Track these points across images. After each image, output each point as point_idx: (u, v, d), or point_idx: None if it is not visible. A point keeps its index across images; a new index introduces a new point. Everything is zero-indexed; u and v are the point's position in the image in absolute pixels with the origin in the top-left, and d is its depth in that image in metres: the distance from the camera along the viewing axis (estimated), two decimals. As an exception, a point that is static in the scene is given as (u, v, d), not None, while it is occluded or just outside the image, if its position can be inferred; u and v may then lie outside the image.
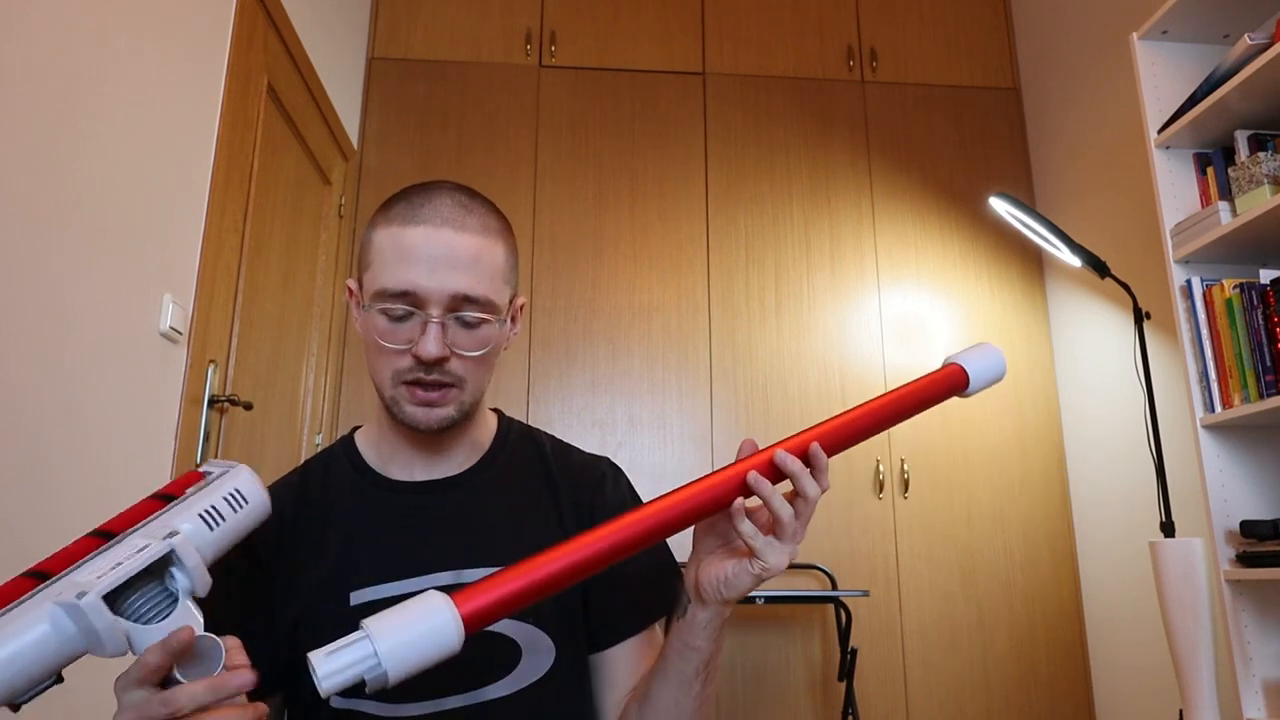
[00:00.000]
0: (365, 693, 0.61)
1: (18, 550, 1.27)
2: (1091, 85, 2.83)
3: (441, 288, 0.80)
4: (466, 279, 0.81)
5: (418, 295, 0.80)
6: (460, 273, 0.81)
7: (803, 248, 3.00)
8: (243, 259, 2.03)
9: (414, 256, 0.80)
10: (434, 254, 0.81)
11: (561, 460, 0.96)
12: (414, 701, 0.81)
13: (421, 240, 0.81)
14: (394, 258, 0.81)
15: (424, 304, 0.80)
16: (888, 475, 2.82)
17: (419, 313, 0.80)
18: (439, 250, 0.81)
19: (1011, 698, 2.71)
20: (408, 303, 0.80)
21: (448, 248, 0.81)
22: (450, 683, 0.81)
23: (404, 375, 0.82)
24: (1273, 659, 1.82)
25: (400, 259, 0.81)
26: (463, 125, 2.98)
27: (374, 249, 0.84)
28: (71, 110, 1.38)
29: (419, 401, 0.83)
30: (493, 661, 0.83)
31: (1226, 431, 1.94)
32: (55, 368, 1.35)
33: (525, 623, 0.84)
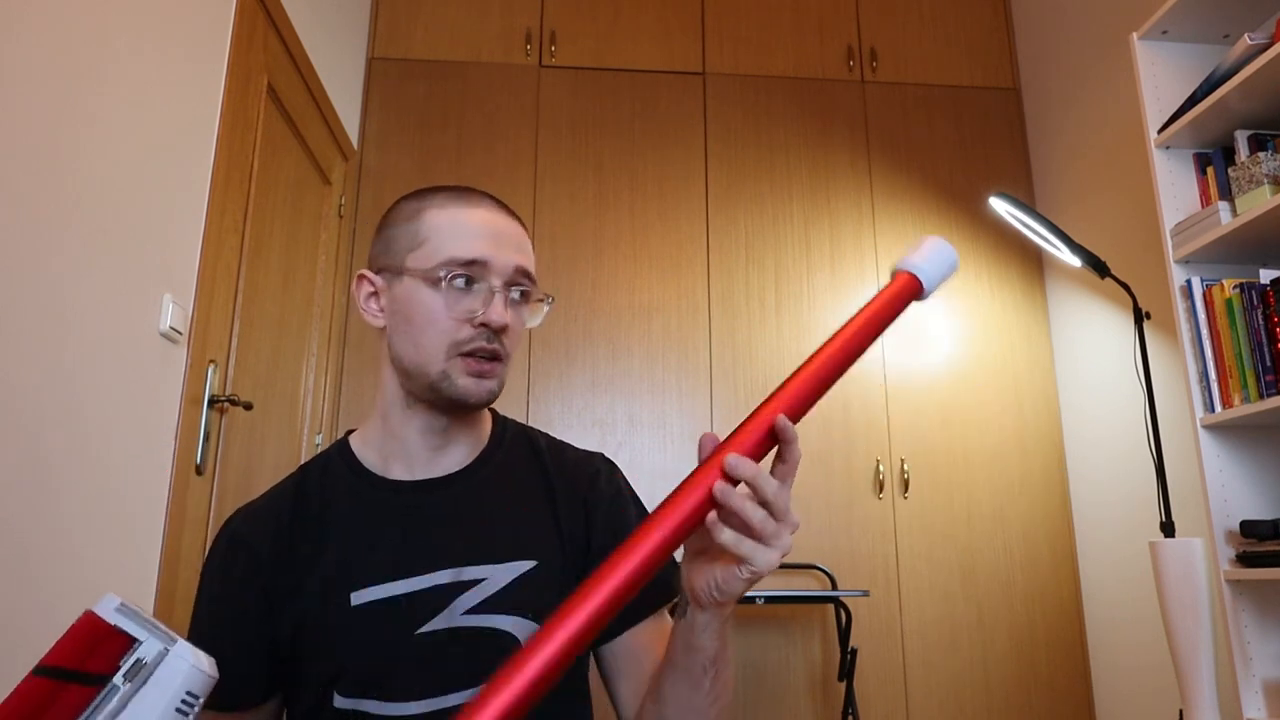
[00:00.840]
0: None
1: (18, 551, 1.27)
2: (1091, 85, 2.83)
3: (507, 261, 0.86)
4: (525, 257, 0.88)
5: (487, 265, 0.84)
6: (518, 250, 0.88)
7: (803, 248, 3.00)
8: (243, 259, 2.03)
9: (481, 232, 0.86)
10: (497, 231, 0.87)
11: (556, 457, 0.97)
12: (418, 700, 0.81)
13: (486, 218, 0.87)
14: (457, 232, 0.86)
15: (489, 274, 0.85)
16: (888, 475, 2.82)
17: (483, 282, 0.85)
18: (502, 228, 0.88)
19: (1011, 698, 2.71)
20: (475, 271, 0.84)
21: (508, 228, 0.88)
22: (454, 680, 0.82)
23: (463, 345, 0.84)
24: (1273, 659, 1.82)
25: (467, 233, 0.86)
26: (463, 125, 2.98)
27: (427, 228, 0.87)
28: (71, 110, 1.38)
29: (473, 373, 0.84)
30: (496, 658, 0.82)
31: (1226, 431, 1.94)
32: (55, 368, 1.35)
33: (525, 618, 0.85)
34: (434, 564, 0.85)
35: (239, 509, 0.93)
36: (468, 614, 0.84)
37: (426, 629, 0.83)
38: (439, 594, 0.84)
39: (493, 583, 0.85)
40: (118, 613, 0.56)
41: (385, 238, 0.90)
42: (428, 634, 0.82)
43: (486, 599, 0.84)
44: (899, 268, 0.71)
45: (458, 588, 0.84)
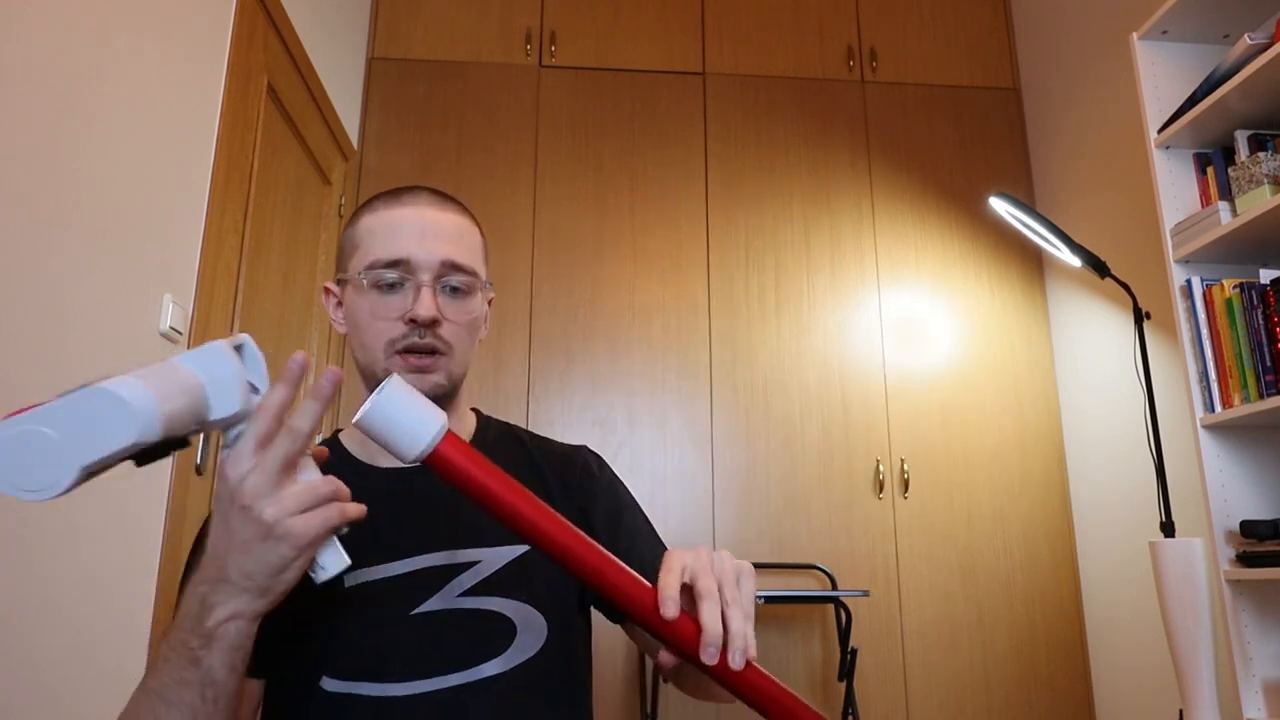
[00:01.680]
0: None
1: (17, 551, 1.27)
2: (1091, 85, 2.83)
3: (431, 255, 0.87)
4: (454, 248, 0.88)
5: (410, 262, 0.86)
6: (447, 243, 0.88)
7: (803, 248, 3.00)
8: (243, 259, 2.03)
9: (404, 229, 0.87)
10: (423, 226, 0.88)
11: (542, 448, 0.99)
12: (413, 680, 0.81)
13: (411, 215, 0.89)
14: (384, 234, 0.88)
15: (415, 270, 0.86)
16: (888, 475, 2.82)
17: (410, 280, 0.86)
18: (427, 223, 0.88)
19: (1011, 698, 2.71)
20: (400, 270, 0.86)
21: (434, 222, 0.89)
22: (449, 661, 0.82)
23: (397, 343, 0.86)
24: (1273, 659, 1.82)
25: (390, 233, 0.87)
26: (463, 125, 2.98)
27: (360, 233, 0.90)
28: (71, 110, 1.38)
29: (412, 368, 0.86)
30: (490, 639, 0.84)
31: (1226, 431, 1.94)
32: (55, 368, 1.35)
33: (520, 601, 0.85)
34: (427, 546, 0.85)
35: None
36: (464, 595, 0.84)
37: (422, 609, 0.83)
38: (434, 575, 0.84)
39: (487, 565, 0.86)
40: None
41: (339, 248, 0.94)
42: (423, 614, 0.83)
43: (482, 580, 0.85)
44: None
45: (453, 569, 0.85)
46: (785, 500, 2.76)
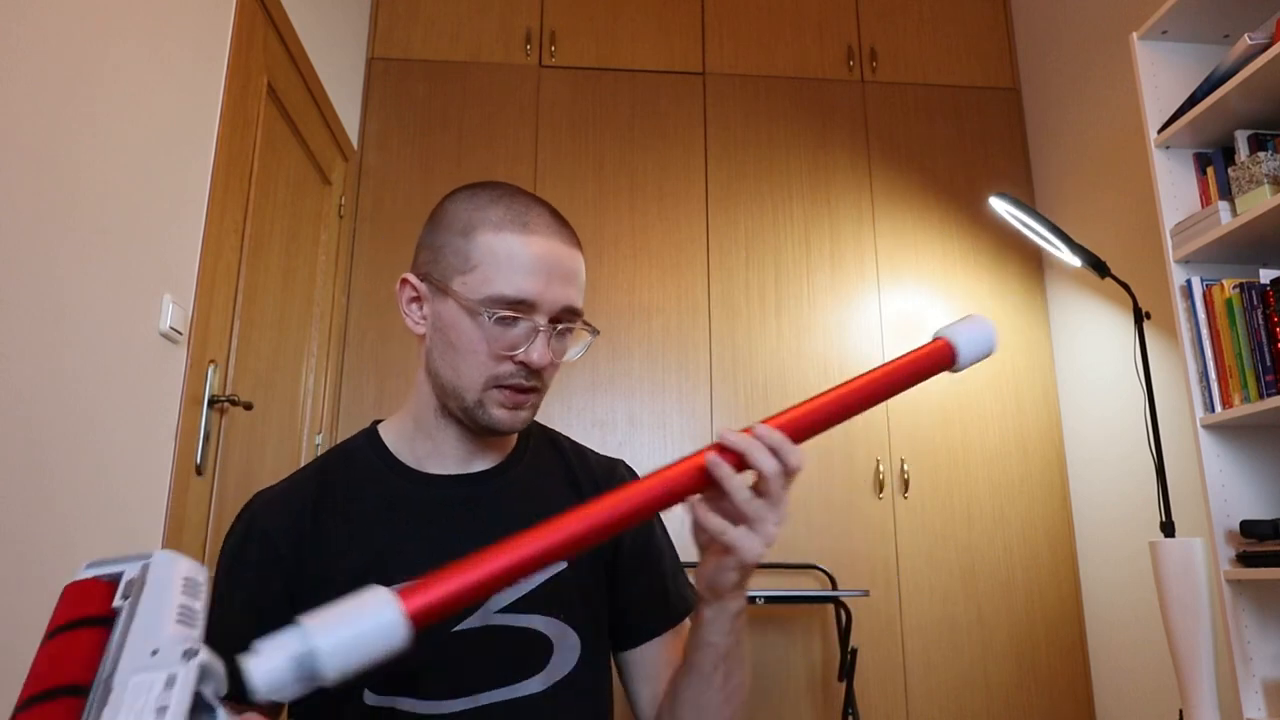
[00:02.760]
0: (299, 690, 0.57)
1: (17, 551, 1.27)
2: (1091, 85, 2.83)
3: (555, 300, 0.83)
4: (573, 291, 0.85)
5: (533, 305, 0.82)
6: (569, 286, 0.85)
7: (803, 248, 3.00)
8: (243, 259, 2.03)
9: (533, 267, 0.82)
10: (550, 266, 0.83)
11: (580, 459, 0.99)
12: (451, 698, 0.81)
13: (540, 251, 0.83)
14: (511, 266, 0.82)
15: (534, 312, 0.83)
16: (888, 475, 2.82)
17: (527, 320, 0.83)
18: (555, 262, 0.84)
19: (1011, 698, 2.71)
20: (522, 311, 0.82)
21: (561, 263, 0.84)
22: (488, 678, 0.82)
23: (502, 379, 0.84)
24: (1273, 659, 1.82)
25: (519, 268, 0.82)
26: (463, 125, 2.98)
27: (479, 251, 0.83)
28: (71, 110, 1.38)
29: (510, 405, 0.85)
30: (529, 657, 0.84)
31: (1226, 431, 1.94)
32: (55, 368, 1.35)
33: (556, 619, 0.86)
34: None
35: (258, 494, 0.91)
36: (501, 613, 0.84)
37: (461, 626, 0.82)
38: None
39: (526, 582, 0.85)
40: (90, 568, 0.59)
41: (434, 245, 0.87)
42: (462, 632, 0.82)
43: (521, 598, 0.85)
44: (940, 333, 0.72)
45: None
46: (785, 500, 2.76)
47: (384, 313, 2.77)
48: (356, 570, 0.83)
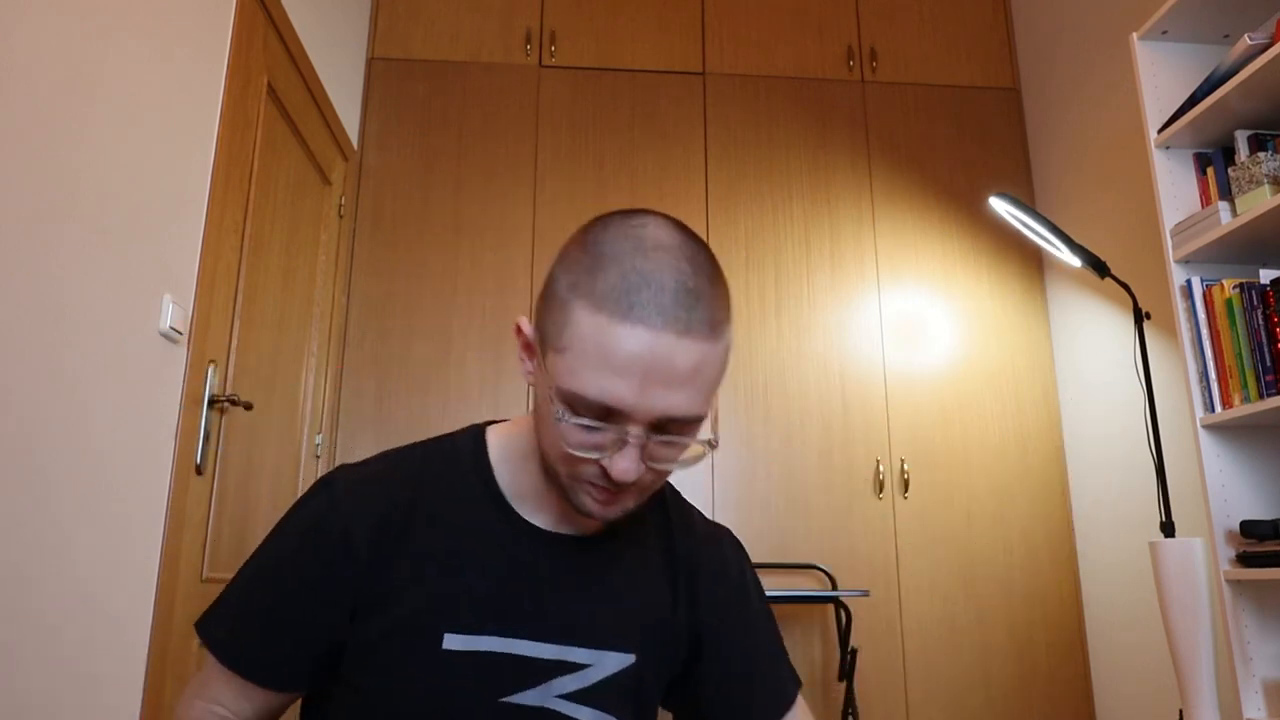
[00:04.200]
0: None
1: (17, 550, 1.27)
2: (1091, 85, 2.83)
3: (650, 409, 0.66)
4: (680, 398, 0.67)
5: (622, 414, 0.67)
6: (674, 391, 0.67)
7: (803, 248, 3.01)
8: (243, 259, 2.03)
9: (624, 368, 0.65)
10: (647, 368, 0.65)
11: (683, 522, 0.89)
12: None
13: (636, 348, 0.65)
14: (598, 360, 0.65)
15: (624, 420, 0.67)
16: (888, 475, 2.82)
17: (616, 429, 0.68)
18: (655, 364, 0.65)
19: (1011, 698, 2.71)
20: (605, 419, 0.67)
21: (667, 360, 0.65)
22: None
23: (584, 477, 0.72)
24: (1273, 659, 1.82)
25: (606, 365, 0.65)
26: (463, 125, 2.98)
27: (571, 331, 0.67)
28: (71, 110, 1.38)
29: (599, 500, 0.73)
30: None
31: (1226, 431, 1.94)
32: (55, 368, 1.35)
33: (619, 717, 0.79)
34: (542, 632, 0.77)
35: (345, 471, 0.80)
36: (562, 698, 0.76)
37: (514, 699, 0.75)
38: (538, 668, 0.76)
39: (596, 671, 0.78)
40: None
41: (550, 295, 0.71)
42: (514, 705, 0.75)
43: (585, 688, 0.77)
44: None
45: (560, 668, 0.77)
46: (785, 500, 2.76)
47: (384, 313, 2.77)
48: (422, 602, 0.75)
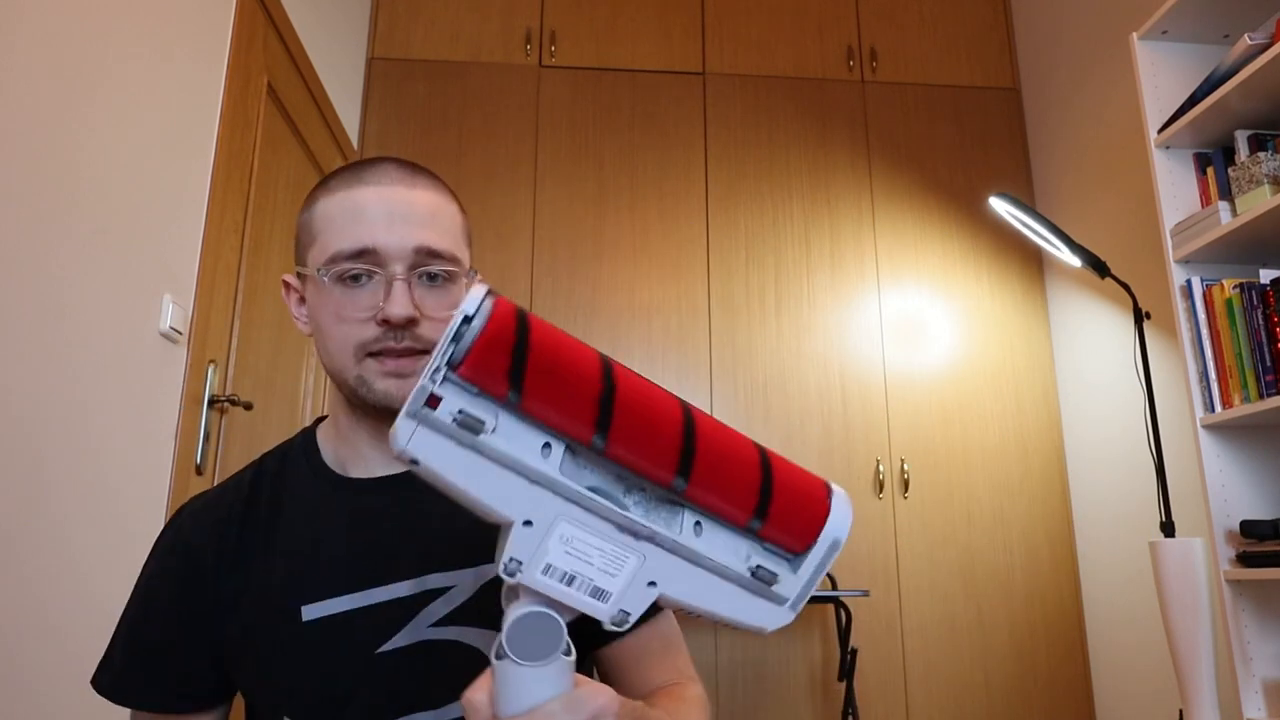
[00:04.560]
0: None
1: (17, 551, 1.27)
2: (1091, 85, 2.83)
3: (402, 242, 0.74)
4: (428, 232, 0.75)
5: (377, 252, 0.74)
6: (420, 227, 0.75)
7: (803, 248, 3.00)
8: (243, 259, 2.03)
9: (367, 213, 0.74)
10: (390, 208, 0.75)
11: None
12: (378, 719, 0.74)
13: (374, 197, 0.75)
14: (345, 219, 0.75)
15: (384, 262, 0.74)
16: (888, 475, 2.82)
17: (380, 273, 0.74)
18: (395, 204, 0.75)
19: (1011, 698, 2.71)
20: (366, 262, 0.74)
21: (405, 202, 0.76)
22: (417, 699, 0.75)
23: (369, 346, 0.74)
24: (1273, 659, 1.82)
25: (352, 218, 0.74)
26: (463, 125, 2.98)
27: (317, 220, 0.77)
28: (71, 110, 1.38)
29: (390, 371, 0.74)
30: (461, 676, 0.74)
31: (1226, 431, 1.94)
32: (55, 368, 1.35)
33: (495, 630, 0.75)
34: (393, 573, 0.76)
35: (190, 501, 0.84)
36: (434, 626, 0.76)
37: (388, 647, 0.75)
38: (401, 607, 0.76)
39: (460, 591, 0.77)
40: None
41: (296, 236, 0.81)
42: (391, 652, 0.75)
43: (454, 610, 0.76)
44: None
45: (422, 599, 0.76)
46: (785, 500, 2.76)
47: (384, 313, 2.77)
48: (269, 593, 0.76)
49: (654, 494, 0.51)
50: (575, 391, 0.47)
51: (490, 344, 0.46)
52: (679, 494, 0.50)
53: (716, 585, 0.51)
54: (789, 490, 0.51)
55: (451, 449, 0.47)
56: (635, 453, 0.48)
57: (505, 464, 0.47)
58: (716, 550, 0.51)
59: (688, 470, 0.49)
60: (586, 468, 0.49)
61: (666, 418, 0.49)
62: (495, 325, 0.47)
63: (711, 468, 0.49)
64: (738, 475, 0.50)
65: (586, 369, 0.48)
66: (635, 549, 0.49)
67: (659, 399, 0.50)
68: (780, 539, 0.52)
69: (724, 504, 0.50)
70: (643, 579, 0.49)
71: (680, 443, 0.49)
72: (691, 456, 0.49)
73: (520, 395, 0.47)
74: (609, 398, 0.48)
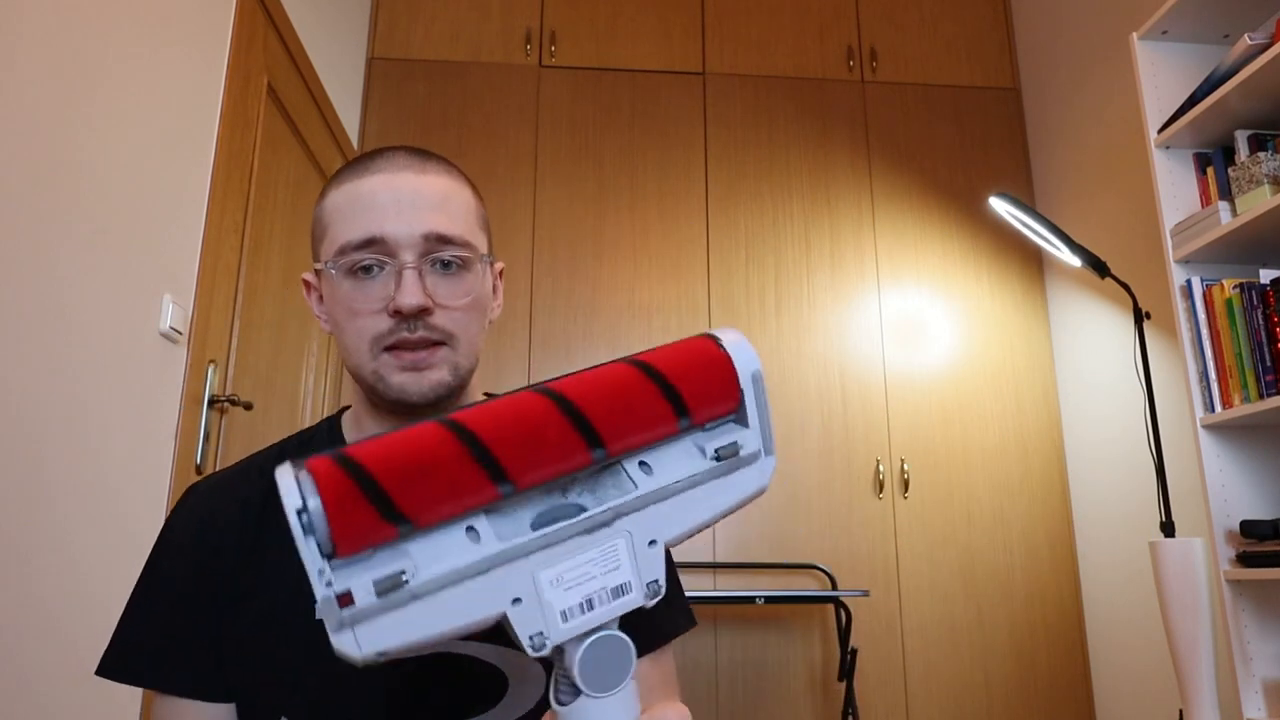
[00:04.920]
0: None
1: (16, 550, 1.27)
2: (1091, 85, 2.83)
3: (411, 229, 0.71)
4: (438, 217, 0.73)
5: (385, 241, 0.71)
6: (430, 212, 0.73)
7: (803, 248, 3.00)
8: (243, 259, 2.03)
9: (374, 202, 0.72)
10: (397, 195, 0.72)
11: None
12: None
13: (382, 185, 0.73)
14: (353, 210, 0.72)
15: (394, 251, 0.71)
16: (888, 475, 2.82)
17: (390, 262, 0.71)
18: (403, 191, 0.73)
19: (1011, 698, 2.71)
20: (375, 251, 0.71)
21: (413, 189, 0.73)
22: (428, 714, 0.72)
23: (384, 339, 0.72)
24: (1273, 659, 1.82)
25: (360, 208, 0.72)
26: (463, 125, 2.98)
27: (328, 213, 0.75)
28: (71, 110, 1.38)
29: (406, 365, 0.72)
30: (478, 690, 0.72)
31: (1226, 431, 1.94)
32: (55, 368, 1.35)
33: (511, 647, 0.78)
34: None
35: (200, 481, 0.81)
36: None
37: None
38: None
39: None
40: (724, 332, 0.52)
41: (311, 232, 0.79)
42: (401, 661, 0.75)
43: None
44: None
45: None
46: (785, 500, 2.76)
47: (384, 313, 2.77)
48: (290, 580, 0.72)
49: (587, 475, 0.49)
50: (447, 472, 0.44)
51: (341, 508, 0.42)
52: (606, 460, 0.48)
53: (699, 495, 0.49)
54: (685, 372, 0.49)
55: (397, 618, 0.43)
56: (543, 467, 0.46)
57: (452, 582, 0.44)
58: (675, 470, 0.49)
59: (595, 438, 0.46)
60: (515, 512, 0.47)
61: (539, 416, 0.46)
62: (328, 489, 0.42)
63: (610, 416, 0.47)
64: (635, 401, 0.48)
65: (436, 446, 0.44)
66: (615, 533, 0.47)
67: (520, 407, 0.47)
68: (713, 413, 0.50)
69: (647, 433, 0.48)
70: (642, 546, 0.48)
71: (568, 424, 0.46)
72: (588, 425, 0.46)
73: (409, 520, 0.43)
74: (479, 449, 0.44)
